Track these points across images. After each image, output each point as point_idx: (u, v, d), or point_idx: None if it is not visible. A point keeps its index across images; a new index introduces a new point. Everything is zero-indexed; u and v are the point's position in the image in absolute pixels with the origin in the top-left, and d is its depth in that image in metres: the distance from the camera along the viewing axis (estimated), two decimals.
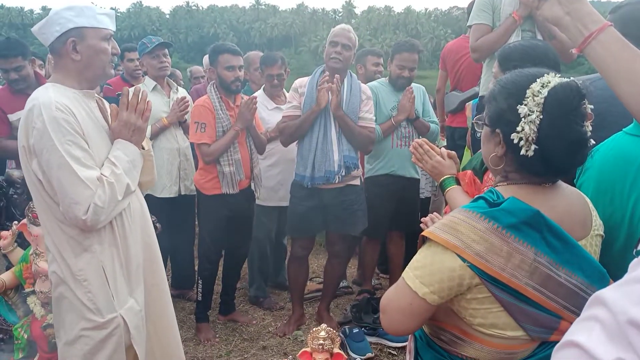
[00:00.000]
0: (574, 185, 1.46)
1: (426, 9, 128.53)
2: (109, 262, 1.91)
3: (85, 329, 1.89)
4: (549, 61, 1.89)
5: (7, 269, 2.71)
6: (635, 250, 1.31)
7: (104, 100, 2.11)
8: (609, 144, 1.48)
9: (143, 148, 2.09)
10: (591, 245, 1.23)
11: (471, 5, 3.99)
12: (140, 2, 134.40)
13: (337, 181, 3.23)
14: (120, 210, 1.91)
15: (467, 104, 3.88)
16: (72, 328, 1.91)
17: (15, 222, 2.65)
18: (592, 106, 1.17)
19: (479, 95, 3.22)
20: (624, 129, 1.46)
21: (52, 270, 1.91)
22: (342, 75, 3.29)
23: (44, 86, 1.90)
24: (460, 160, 3.19)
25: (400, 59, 3.61)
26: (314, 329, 2.28)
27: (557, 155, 1.15)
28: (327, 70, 3.30)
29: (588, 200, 1.30)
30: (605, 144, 1.48)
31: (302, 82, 3.37)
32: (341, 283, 4.01)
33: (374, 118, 3.39)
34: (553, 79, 1.15)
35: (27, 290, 2.55)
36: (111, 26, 1.95)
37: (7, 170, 3.26)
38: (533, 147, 1.14)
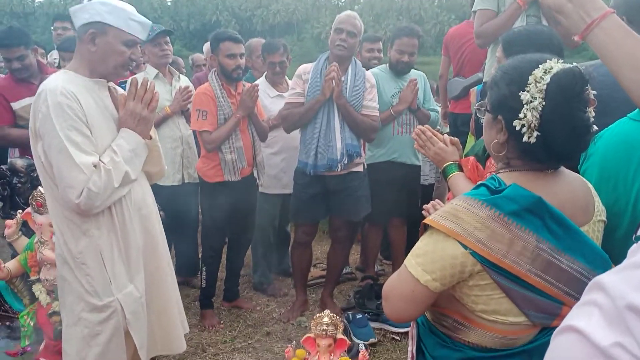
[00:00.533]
0: (577, 171, 1.45)
1: None
2: (107, 247, 1.96)
3: (84, 310, 1.95)
4: (554, 47, 1.87)
5: (13, 257, 2.73)
6: (635, 236, 1.31)
7: (117, 88, 2.14)
8: (613, 130, 1.47)
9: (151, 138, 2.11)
10: (593, 231, 1.23)
11: None
12: None
13: (339, 169, 3.23)
14: (118, 197, 1.95)
15: (471, 90, 3.85)
16: (73, 310, 1.97)
17: (20, 210, 2.67)
18: (595, 92, 1.16)
19: (483, 81, 3.20)
20: (628, 115, 1.44)
21: (58, 252, 1.99)
22: (347, 63, 3.27)
23: (56, 73, 1.98)
24: (464, 146, 3.19)
25: (400, 43, 3.59)
26: (317, 315, 2.29)
27: (560, 141, 1.14)
28: (332, 58, 3.28)
29: (590, 186, 1.29)
30: (609, 130, 1.47)
31: (306, 68, 3.35)
32: (344, 269, 4.03)
33: (378, 106, 3.38)
34: (556, 65, 1.13)
35: (32, 278, 2.57)
36: (140, 35, 2.00)
37: (10, 159, 3.27)
38: (535, 133, 1.13)
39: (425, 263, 1.15)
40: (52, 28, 4.68)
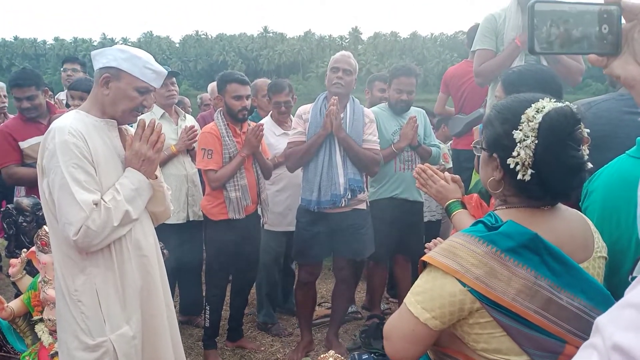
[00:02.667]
0: (579, 208, 1.45)
1: (432, 34, 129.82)
2: (103, 286, 1.96)
3: (77, 349, 1.94)
4: (555, 85, 1.90)
5: (16, 296, 2.72)
6: (630, 276, 1.30)
7: (128, 129, 2.20)
8: (613, 167, 1.47)
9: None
10: (594, 268, 1.22)
11: (471, 30, 4.04)
12: (151, 31, 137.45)
13: (343, 205, 3.24)
14: (118, 236, 1.96)
15: (474, 128, 3.89)
16: (68, 347, 1.96)
17: (25, 249, 2.68)
18: (588, 130, 1.17)
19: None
20: (627, 152, 1.45)
21: (57, 288, 2.00)
22: (345, 100, 3.33)
23: (69, 112, 2.04)
24: (468, 183, 3.20)
25: (398, 83, 3.65)
26: (322, 355, 2.26)
27: (554, 179, 1.15)
28: (330, 97, 3.34)
29: (590, 222, 1.30)
30: (609, 167, 1.48)
31: (305, 109, 3.42)
32: (350, 308, 3.98)
33: (378, 140, 3.41)
34: (548, 104, 1.16)
35: (35, 318, 2.56)
36: (154, 83, 2.06)
37: (16, 198, 3.30)
38: (530, 171, 1.15)
39: (425, 301, 1.15)
40: (61, 69, 4.80)
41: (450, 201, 1.77)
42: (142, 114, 2.18)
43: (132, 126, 2.38)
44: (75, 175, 1.85)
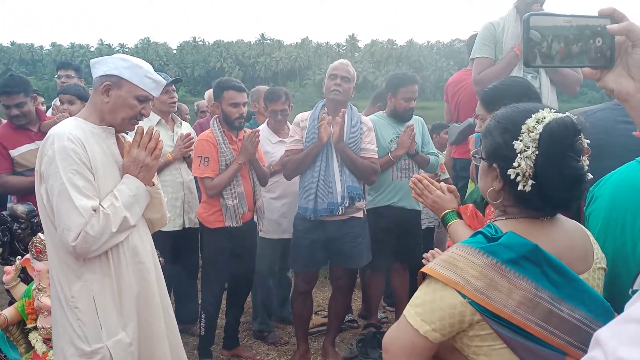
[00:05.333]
0: (578, 216, 1.45)
1: (428, 42, 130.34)
2: (100, 292, 1.96)
3: (74, 355, 1.93)
4: (533, 94, 1.92)
5: (10, 304, 2.70)
6: (631, 289, 1.29)
7: (125, 136, 2.21)
8: (621, 174, 1.45)
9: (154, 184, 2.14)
10: (593, 279, 1.21)
11: (471, 39, 4.05)
12: (148, 38, 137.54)
13: (340, 213, 3.23)
14: (115, 242, 1.97)
15: (470, 136, 3.89)
16: (64, 354, 1.95)
17: (19, 257, 2.66)
18: (588, 140, 1.17)
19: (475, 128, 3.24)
20: (637, 159, 1.44)
21: (53, 295, 2.00)
22: (342, 108, 3.32)
23: (67, 119, 2.06)
24: (465, 191, 3.20)
25: (406, 91, 3.66)
26: None
27: (555, 190, 1.15)
28: (328, 103, 3.34)
29: (589, 233, 1.29)
30: (617, 173, 1.46)
31: (303, 116, 3.42)
32: (347, 317, 3.97)
33: (376, 149, 3.41)
34: (548, 115, 1.15)
35: (29, 326, 2.53)
36: (153, 92, 2.08)
37: (10, 205, 3.28)
38: (530, 182, 1.14)
39: (424, 313, 1.14)
40: (56, 76, 4.80)
41: (446, 211, 1.78)
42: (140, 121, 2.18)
43: (128, 133, 2.38)
44: (74, 181, 1.86)
